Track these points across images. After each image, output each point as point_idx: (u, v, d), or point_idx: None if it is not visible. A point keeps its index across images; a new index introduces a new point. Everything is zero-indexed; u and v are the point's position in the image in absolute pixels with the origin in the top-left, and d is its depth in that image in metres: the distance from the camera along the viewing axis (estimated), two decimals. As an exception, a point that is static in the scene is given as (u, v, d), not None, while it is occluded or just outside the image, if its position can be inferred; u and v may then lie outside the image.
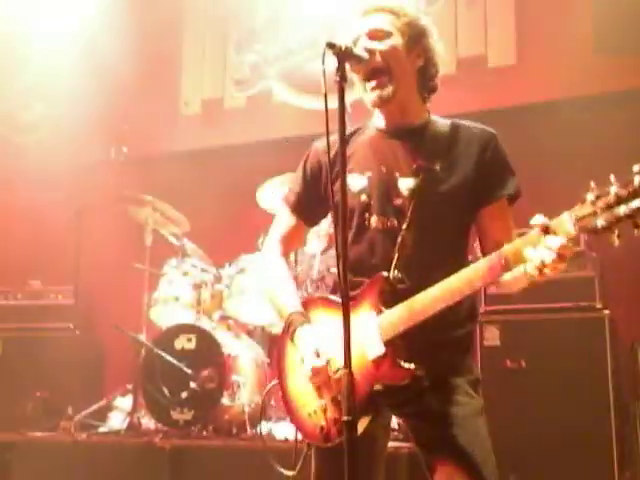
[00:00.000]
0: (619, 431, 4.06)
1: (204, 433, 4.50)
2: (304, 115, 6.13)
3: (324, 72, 2.01)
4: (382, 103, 2.31)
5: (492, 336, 4.40)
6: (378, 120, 2.42)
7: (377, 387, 2.11)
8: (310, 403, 2.22)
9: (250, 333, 5.20)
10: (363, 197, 2.30)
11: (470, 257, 2.37)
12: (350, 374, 1.90)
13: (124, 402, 5.09)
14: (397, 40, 2.30)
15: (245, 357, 4.79)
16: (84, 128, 6.60)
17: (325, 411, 2.17)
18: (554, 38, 5.52)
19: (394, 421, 3.30)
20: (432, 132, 2.35)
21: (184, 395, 4.53)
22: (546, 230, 1.89)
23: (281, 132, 6.30)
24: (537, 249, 1.89)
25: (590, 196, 1.82)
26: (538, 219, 1.91)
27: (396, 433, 3.88)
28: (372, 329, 2.13)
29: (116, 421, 4.99)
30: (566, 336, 4.23)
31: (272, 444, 4.19)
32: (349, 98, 2.23)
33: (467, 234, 2.36)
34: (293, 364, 2.30)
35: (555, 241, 1.85)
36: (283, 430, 4.29)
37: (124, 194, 5.24)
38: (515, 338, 4.36)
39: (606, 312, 4.25)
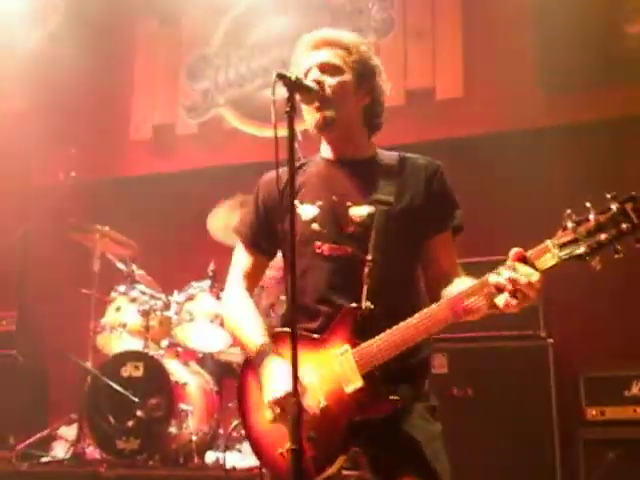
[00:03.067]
0: (563, 458, 4.13)
1: (150, 462, 4.43)
2: (255, 142, 6.16)
3: (274, 102, 2.03)
4: (324, 125, 2.32)
5: (440, 364, 4.45)
6: (326, 151, 2.46)
7: (357, 418, 2.10)
8: (280, 441, 2.13)
9: (199, 361, 5.16)
10: (314, 225, 2.31)
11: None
12: (298, 403, 1.89)
13: (68, 431, 4.99)
14: (347, 77, 2.33)
15: (193, 385, 4.74)
16: (33, 151, 6.52)
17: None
18: (499, 72, 5.65)
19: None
20: (380, 164, 2.39)
21: (130, 424, 4.47)
22: (523, 259, 1.94)
23: (232, 159, 6.33)
24: (507, 274, 1.93)
25: (570, 223, 1.88)
26: (513, 251, 1.96)
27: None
28: (348, 362, 2.12)
29: (60, 451, 4.89)
30: (512, 364, 4.30)
31: (221, 473, 4.18)
32: (299, 127, 2.26)
33: (417, 262, 2.39)
34: (258, 403, 2.24)
35: (528, 271, 1.91)
36: (232, 459, 4.28)
37: (71, 220, 5.17)
38: (462, 366, 4.42)
39: (550, 341, 4.34)
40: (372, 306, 2.17)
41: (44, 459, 4.82)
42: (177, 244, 6.10)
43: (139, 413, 4.46)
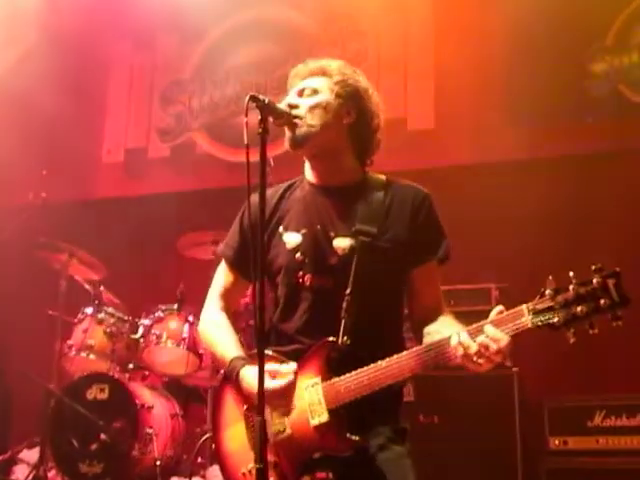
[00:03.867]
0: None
1: (113, 487, 4.39)
2: (228, 167, 6.19)
3: (246, 124, 2.03)
4: (298, 143, 2.30)
5: (406, 391, 4.43)
6: (309, 174, 2.43)
7: (316, 455, 2.10)
8: (245, 462, 2.17)
9: (165, 384, 5.11)
10: (297, 255, 2.30)
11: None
12: (263, 421, 1.88)
13: (30, 455, 4.90)
14: (324, 97, 2.32)
15: (159, 409, 4.70)
16: (2, 170, 6.47)
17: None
18: (470, 105, 5.76)
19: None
20: (367, 192, 2.35)
21: (94, 447, 4.41)
22: (503, 318, 1.95)
23: (204, 184, 6.34)
24: (478, 338, 1.94)
25: (549, 291, 1.86)
26: (498, 309, 1.98)
27: None
28: (316, 395, 2.12)
29: (20, 475, 4.80)
30: (477, 392, 4.32)
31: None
32: (271, 153, 2.27)
33: (402, 296, 2.38)
34: (232, 419, 2.26)
35: (498, 335, 1.93)
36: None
37: (40, 240, 5.13)
38: (429, 394, 4.43)
39: (515, 369, 4.38)
40: (348, 341, 2.15)
41: (4, 483, 4.76)
42: (146, 267, 6.08)
43: (103, 436, 4.40)
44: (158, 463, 4.47)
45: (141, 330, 4.93)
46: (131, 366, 4.95)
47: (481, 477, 4.16)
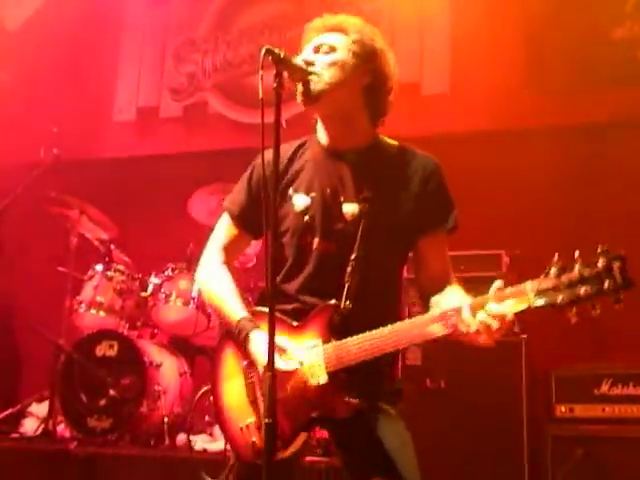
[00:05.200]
0: (531, 452, 4.17)
1: (121, 442, 4.42)
2: (240, 128, 6.15)
3: (261, 77, 2.00)
4: (311, 99, 2.25)
5: (414, 356, 4.47)
6: (322, 134, 2.39)
7: (314, 414, 2.11)
8: (243, 417, 2.19)
9: (174, 343, 5.14)
10: (306, 218, 2.28)
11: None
12: (273, 377, 1.88)
13: (39, 409, 4.95)
14: (341, 55, 2.28)
15: (167, 367, 4.74)
16: (14, 128, 6.46)
17: (259, 428, 2.13)
18: (486, 71, 5.69)
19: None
20: (378, 157, 2.33)
21: (102, 403, 4.46)
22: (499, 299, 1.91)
23: (215, 144, 6.32)
24: (479, 315, 1.92)
25: (554, 270, 1.84)
26: (496, 284, 1.95)
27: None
28: (317, 357, 2.12)
29: (29, 428, 4.85)
30: (484, 358, 4.30)
31: (192, 455, 4.19)
32: (284, 114, 2.23)
33: (403, 265, 2.38)
34: (231, 374, 2.27)
35: (499, 311, 1.90)
36: (202, 441, 4.29)
37: (51, 195, 5.13)
38: (436, 359, 4.44)
39: (523, 337, 4.37)
40: (350, 306, 2.16)
41: (13, 435, 4.80)
42: (156, 226, 6.08)
43: (112, 392, 4.45)
44: (166, 420, 4.51)
45: (151, 288, 4.95)
46: (140, 324, 4.97)
47: (486, 442, 4.18)
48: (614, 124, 5.23)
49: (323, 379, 2.09)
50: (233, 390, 2.24)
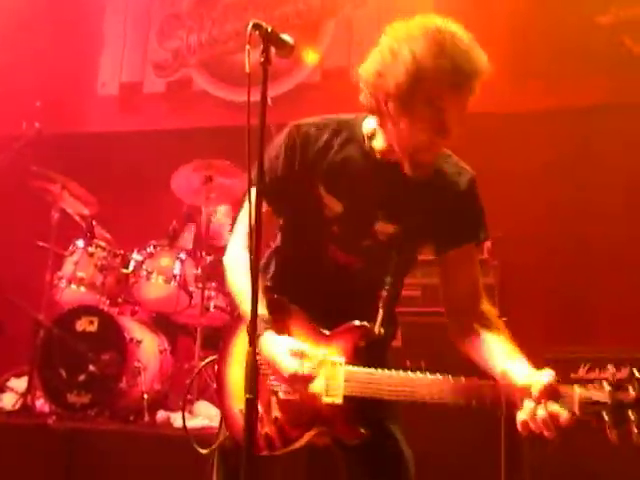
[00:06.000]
0: (508, 432, 4.21)
1: (100, 418, 4.41)
2: (224, 106, 6.12)
3: (248, 52, 1.92)
4: (418, 169, 2.08)
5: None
6: (377, 139, 2.17)
7: (320, 430, 2.05)
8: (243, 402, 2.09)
9: (155, 320, 5.13)
10: (334, 227, 2.17)
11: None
12: (254, 354, 1.84)
13: (18, 383, 4.92)
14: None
15: (148, 343, 4.72)
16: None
17: (260, 420, 2.05)
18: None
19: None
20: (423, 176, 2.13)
21: (82, 378, 4.44)
22: (554, 394, 1.81)
23: (199, 122, 6.28)
24: (540, 412, 1.80)
25: (608, 385, 1.72)
26: (549, 377, 1.84)
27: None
28: (337, 375, 2.04)
29: (8, 402, 4.83)
30: (465, 340, 4.36)
31: (170, 432, 4.20)
32: (270, 92, 2.22)
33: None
34: (238, 354, 2.19)
35: (561, 414, 1.78)
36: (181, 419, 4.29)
37: (32, 169, 5.08)
38: (416, 340, 4.46)
39: (503, 319, 4.39)
40: (383, 332, 2.09)
41: (-9, 410, 4.79)
42: (139, 203, 6.05)
43: (91, 368, 4.43)
44: (145, 397, 4.50)
45: (132, 265, 4.92)
46: (121, 300, 4.96)
47: (464, 424, 4.21)
48: (599, 109, 5.26)
49: (338, 400, 2.02)
50: (238, 374, 2.14)
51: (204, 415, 4.27)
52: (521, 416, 1.85)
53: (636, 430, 1.67)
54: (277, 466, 2.28)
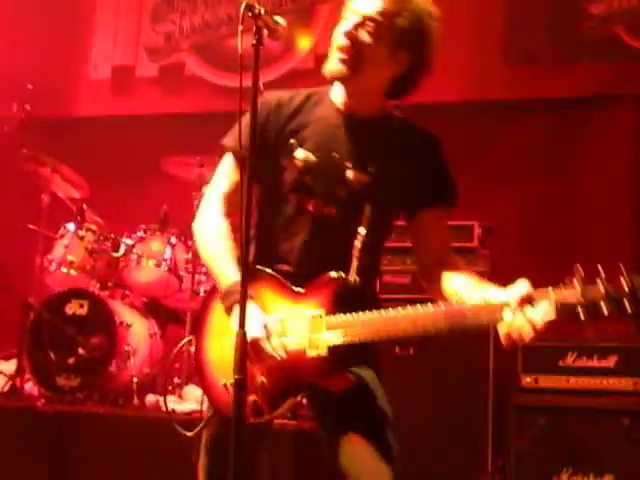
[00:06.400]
0: (496, 421, 4.25)
1: (89, 401, 4.42)
2: (217, 91, 6.10)
3: (240, 33, 1.93)
4: (333, 78, 2.20)
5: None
6: (337, 96, 2.29)
7: (306, 382, 2.08)
8: (226, 374, 2.04)
9: (145, 305, 5.13)
10: (307, 177, 2.21)
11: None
12: (242, 334, 1.85)
13: (7, 366, 4.92)
14: (384, 44, 2.16)
15: (138, 327, 4.73)
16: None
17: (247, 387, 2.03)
18: (465, 42, 5.67)
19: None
20: (388, 128, 2.26)
21: (71, 361, 4.45)
22: (529, 301, 1.87)
23: (191, 107, 6.25)
24: (517, 318, 1.86)
25: (577, 284, 1.81)
26: (524, 286, 1.90)
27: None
28: (317, 327, 2.06)
29: (-4, 385, 4.84)
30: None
31: (159, 415, 4.21)
32: (262, 78, 2.21)
33: (390, 237, 2.38)
34: (217, 330, 2.19)
35: (538, 317, 1.84)
36: (171, 402, 4.31)
37: (23, 152, 5.06)
38: (405, 327, 4.48)
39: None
40: (359, 281, 2.10)
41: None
42: (130, 187, 6.03)
43: (81, 351, 4.44)
44: (135, 380, 4.51)
45: (122, 249, 4.92)
46: (111, 284, 4.96)
47: (452, 410, 4.25)
48: (590, 98, 5.27)
49: (323, 351, 2.04)
50: (218, 347, 2.18)
51: (193, 399, 4.28)
52: (502, 329, 1.90)
53: (608, 319, 1.79)
54: (264, 452, 2.28)
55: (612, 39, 5.33)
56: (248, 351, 1.94)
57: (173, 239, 4.90)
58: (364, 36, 2.16)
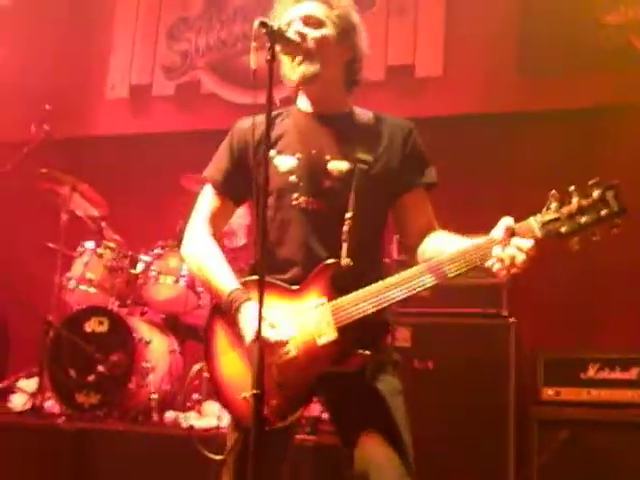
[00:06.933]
0: (517, 435, 4.21)
1: (109, 418, 4.43)
2: (233, 108, 6.13)
3: (254, 48, 2.04)
4: (306, 81, 2.34)
5: (403, 337, 4.49)
6: (303, 104, 2.45)
7: (324, 369, 2.13)
8: (244, 387, 2.10)
9: (164, 321, 5.15)
10: (292, 177, 2.31)
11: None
12: (261, 348, 1.91)
13: (28, 384, 4.95)
14: (329, 30, 2.35)
15: (157, 344, 4.74)
16: (5, 104, 6.44)
17: (267, 392, 2.07)
18: (480, 54, 5.68)
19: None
20: (358, 121, 2.42)
21: (91, 378, 4.46)
22: (512, 233, 2.01)
23: (208, 124, 6.28)
24: (507, 249, 1.99)
25: (554, 204, 1.99)
26: (506, 221, 2.03)
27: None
28: (323, 315, 2.15)
29: (18, 403, 4.86)
30: (473, 341, 4.35)
31: (178, 432, 4.21)
32: (278, 95, 2.28)
33: (386, 221, 2.44)
34: (226, 347, 2.26)
35: (525, 242, 1.98)
36: (191, 419, 4.31)
37: (42, 171, 5.11)
38: (425, 340, 4.46)
39: (512, 320, 4.39)
40: (350, 263, 2.19)
41: (1, 411, 4.80)
42: (147, 204, 6.07)
43: (100, 368, 4.45)
44: (154, 397, 4.52)
45: (141, 266, 4.95)
46: (130, 301, 4.97)
47: (473, 423, 4.21)
48: (606, 108, 5.24)
49: (333, 336, 2.12)
50: (230, 362, 2.24)
51: (212, 415, 4.28)
52: (492, 262, 2.03)
53: (590, 231, 1.97)
54: (284, 466, 2.30)
55: (627, 48, 5.31)
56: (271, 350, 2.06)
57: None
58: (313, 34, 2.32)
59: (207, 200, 2.46)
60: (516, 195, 5.23)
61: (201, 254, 2.38)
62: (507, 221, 2.03)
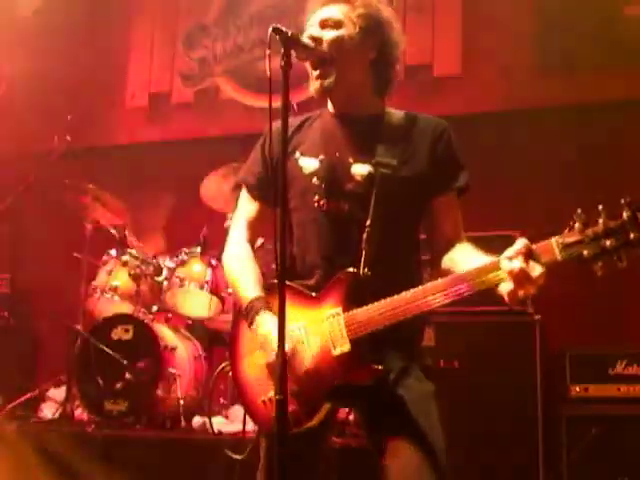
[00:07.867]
0: (545, 433, 4.18)
1: (137, 425, 4.46)
2: (251, 113, 6.15)
3: (268, 56, 2.03)
4: (323, 93, 2.32)
5: (427, 337, 4.46)
6: (330, 105, 2.43)
7: (337, 382, 2.11)
8: (264, 390, 2.18)
9: (188, 327, 5.18)
10: (314, 180, 2.29)
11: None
12: (283, 356, 1.90)
13: (57, 393, 5.01)
14: (347, 30, 2.29)
15: (183, 350, 4.77)
16: (28, 117, 6.51)
17: None
18: (498, 52, 5.66)
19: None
20: (386, 123, 2.35)
21: (119, 386, 4.49)
22: (530, 253, 1.90)
23: (227, 129, 6.32)
24: (514, 263, 1.89)
25: (578, 224, 1.85)
26: (521, 241, 1.92)
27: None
28: (338, 325, 2.12)
29: (48, 412, 4.91)
30: (499, 339, 4.33)
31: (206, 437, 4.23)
32: (295, 98, 2.30)
33: (418, 228, 2.38)
34: (249, 349, 2.27)
35: (537, 271, 1.88)
36: (218, 424, 4.33)
37: (65, 182, 5.16)
38: (449, 339, 4.44)
39: (537, 317, 4.36)
40: (369, 273, 2.15)
41: (32, 419, 4.85)
42: (170, 211, 6.11)
43: (128, 375, 4.48)
44: (181, 403, 4.55)
45: (165, 273, 4.98)
46: (155, 308, 5.01)
47: (501, 423, 4.18)
48: (627, 102, 5.19)
49: (346, 347, 2.09)
50: (253, 365, 2.25)
51: (240, 420, 4.29)
52: (503, 284, 1.95)
53: (615, 256, 1.81)
54: (319, 469, 2.31)
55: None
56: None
57: (213, 261, 4.94)
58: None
59: (244, 204, 2.47)
60: (536, 194, 5.20)
61: (233, 261, 2.41)
62: (522, 242, 1.93)
